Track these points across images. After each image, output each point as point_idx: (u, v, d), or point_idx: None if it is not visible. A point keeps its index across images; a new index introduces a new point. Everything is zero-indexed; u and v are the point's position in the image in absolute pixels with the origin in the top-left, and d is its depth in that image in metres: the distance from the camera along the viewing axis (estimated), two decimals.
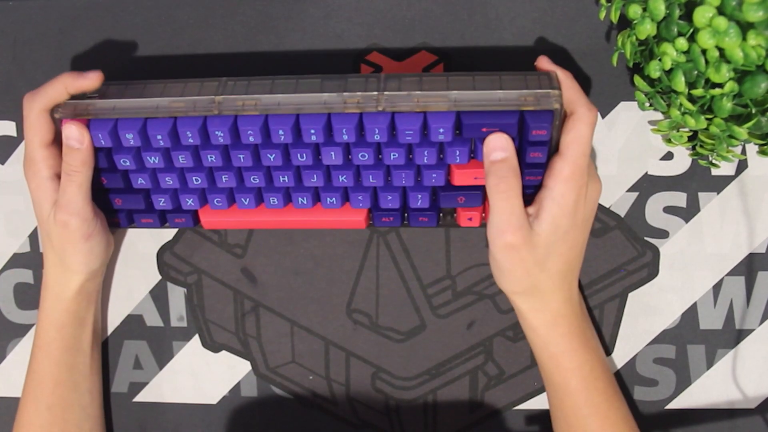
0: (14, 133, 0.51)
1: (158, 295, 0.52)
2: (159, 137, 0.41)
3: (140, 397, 0.53)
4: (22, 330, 0.53)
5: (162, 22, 0.49)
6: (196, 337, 0.52)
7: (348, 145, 0.42)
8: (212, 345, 0.52)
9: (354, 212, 0.45)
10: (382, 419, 0.52)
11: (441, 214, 0.46)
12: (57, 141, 0.44)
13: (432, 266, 0.50)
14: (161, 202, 0.46)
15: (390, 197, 0.44)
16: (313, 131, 0.40)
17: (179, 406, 0.53)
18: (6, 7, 0.49)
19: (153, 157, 0.43)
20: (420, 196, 0.44)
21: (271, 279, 0.51)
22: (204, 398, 0.53)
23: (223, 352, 0.52)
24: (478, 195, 0.44)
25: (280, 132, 0.40)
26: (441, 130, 0.40)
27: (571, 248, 0.42)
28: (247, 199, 0.45)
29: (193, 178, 0.44)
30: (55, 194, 0.44)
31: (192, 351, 0.52)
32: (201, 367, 0.53)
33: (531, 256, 0.40)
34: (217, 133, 0.41)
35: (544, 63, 0.42)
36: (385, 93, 0.40)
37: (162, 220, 0.47)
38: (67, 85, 0.42)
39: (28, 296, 0.53)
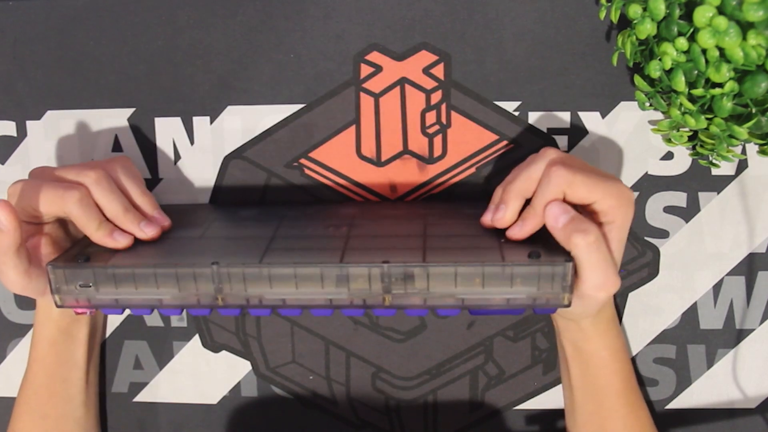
0: (14, 133, 0.51)
1: None
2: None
3: (140, 397, 0.53)
4: (22, 330, 0.53)
5: (162, 22, 0.49)
6: (197, 337, 0.52)
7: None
8: (212, 345, 0.52)
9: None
10: (382, 419, 0.52)
11: None
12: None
13: None
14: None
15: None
16: (322, 314, 0.41)
17: (179, 406, 0.53)
18: (6, 7, 0.49)
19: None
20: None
21: None
22: (204, 398, 0.53)
23: (224, 352, 0.52)
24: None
25: (291, 314, 0.41)
26: (448, 313, 0.40)
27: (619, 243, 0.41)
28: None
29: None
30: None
31: (192, 351, 0.52)
32: (201, 367, 0.53)
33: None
34: (228, 314, 0.43)
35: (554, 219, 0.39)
36: (392, 293, 0.39)
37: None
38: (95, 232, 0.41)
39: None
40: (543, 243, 0.39)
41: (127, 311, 0.51)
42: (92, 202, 0.41)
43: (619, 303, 0.50)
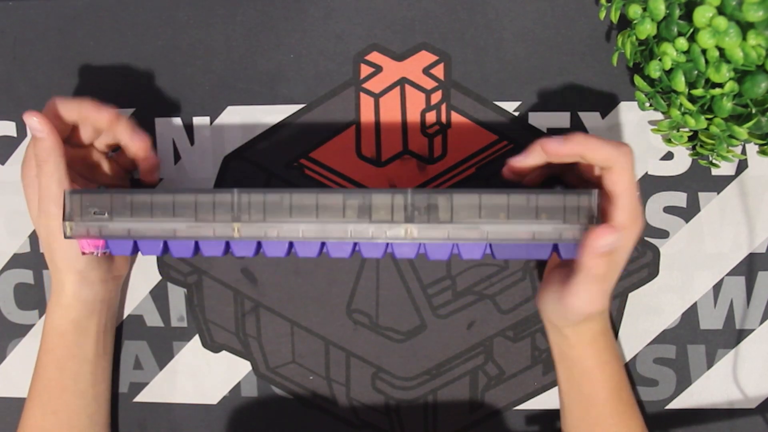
0: (14, 133, 0.51)
1: (158, 296, 0.52)
2: (182, 252, 0.41)
3: (140, 397, 0.53)
4: (22, 330, 0.53)
5: (162, 22, 0.49)
6: (197, 337, 0.52)
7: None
8: (212, 345, 0.52)
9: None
10: (382, 419, 0.52)
11: None
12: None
13: (432, 266, 0.50)
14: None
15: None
16: (339, 253, 0.39)
17: (179, 406, 0.53)
18: (6, 7, 0.49)
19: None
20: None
21: (271, 279, 0.51)
22: (204, 398, 0.53)
23: (224, 353, 0.52)
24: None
25: (306, 254, 0.40)
26: (471, 256, 0.39)
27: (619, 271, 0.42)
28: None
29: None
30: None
31: (192, 351, 0.52)
32: (201, 368, 0.53)
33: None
34: (241, 251, 0.41)
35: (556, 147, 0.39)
36: (414, 224, 0.38)
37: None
38: (85, 109, 0.42)
39: (28, 296, 0.53)
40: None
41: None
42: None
43: (619, 303, 0.50)
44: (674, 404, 0.51)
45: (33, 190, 0.44)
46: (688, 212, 0.48)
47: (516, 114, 0.48)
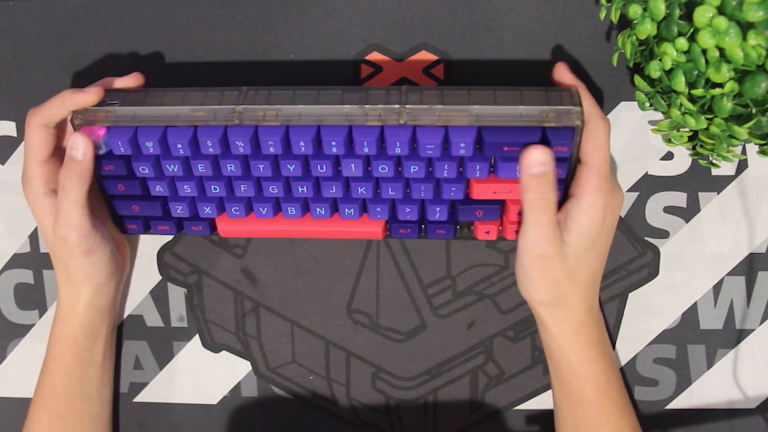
0: (14, 133, 0.51)
1: (158, 296, 0.52)
2: (179, 146, 0.41)
3: (140, 398, 0.53)
4: (22, 330, 0.53)
5: (162, 22, 0.49)
6: (197, 337, 0.52)
7: (368, 158, 0.42)
8: (212, 345, 0.52)
9: (371, 224, 0.45)
10: (382, 419, 0.52)
11: (458, 227, 0.46)
12: (56, 157, 0.44)
13: (432, 266, 0.50)
14: (179, 210, 0.45)
15: (408, 209, 0.44)
16: (334, 143, 0.40)
17: (179, 406, 0.53)
18: (6, 7, 0.49)
19: (172, 166, 0.43)
20: (438, 209, 0.44)
21: (271, 279, 0.51)
22: (204, 398, 0.53)
23: (224, 353, 0.52)
24: (497, 209, 0.44)
25: (301, 143, 0.40)
26: (462, 145, 0.40)
27: (597, 257, 0.42)
28: (265, 209, 0.45)
29: (212, 187, 0.44)
30: (53, 209, 0.44)
31: (192, 351, 0.52)
32: (201, 368, 0.53)
33: (561, 266, 0.40)
34: (237, 143, 0.41)
35: (562, 72, 0.42)
36: (407, 106, 0.40)
37: (178, 227, 0.47)
38: (66, 101, 0.42)
39: (28, 296, 0.53)
40: None
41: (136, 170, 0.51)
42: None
43: (619, 303, 0.50)
44: (674, 404, 0.51)
45: (44, 211, 0.44)
46: (688, 212, 0.48)
47: None
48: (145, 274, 0.52)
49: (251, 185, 0.44)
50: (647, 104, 0.44)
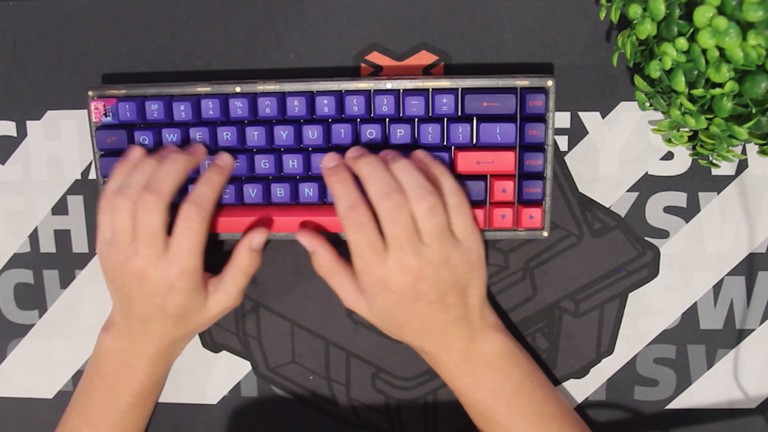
0: (14, 133, 0.51)
1: None
2: (182, 107, 0.45)
3: None
4: (22, 330, 0.53)
5: (162, 22, 0.49)
6: (196, 337, 0.52)
7: (357, 124, 0.45)
8: (212, 345, 0.52)
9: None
10: (382, 419, 0.52)
11: None
12: None
13: None
14: None
15: None
16: (326, 101, 0.45)
17: (179, 406, 0.53)
18: (6, 7, 0.49)
19: (172, 135, 0.45)
20: None
21: (271, 279, 0.51)
22: (204, 398, 0.53)
23: (224, 352, 0.52)
24: (482, 185, 0.45)
25: (295, 103, 0.45)
26: (444, 100, 0.44)
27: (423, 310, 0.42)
28: (255, 191, 0.46)
29: (207, 163, 0.46)
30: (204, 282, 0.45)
31: (192, 351, 0.52)
32: (201, 367, 0.53)
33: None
34: (236, 103, 0.45)
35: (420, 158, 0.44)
36: (394, 77, 0.45)
37: None
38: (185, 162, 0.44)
39: (28, 296, 0.53)
40: None
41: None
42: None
43: (619, 303, 0.50)
44: (674, 404, 0.51)
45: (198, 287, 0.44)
46: (688, 212, 0.48)
47: None
48: None
49: (244, 161, 0.46)
50: (647, 104, 0.44)
